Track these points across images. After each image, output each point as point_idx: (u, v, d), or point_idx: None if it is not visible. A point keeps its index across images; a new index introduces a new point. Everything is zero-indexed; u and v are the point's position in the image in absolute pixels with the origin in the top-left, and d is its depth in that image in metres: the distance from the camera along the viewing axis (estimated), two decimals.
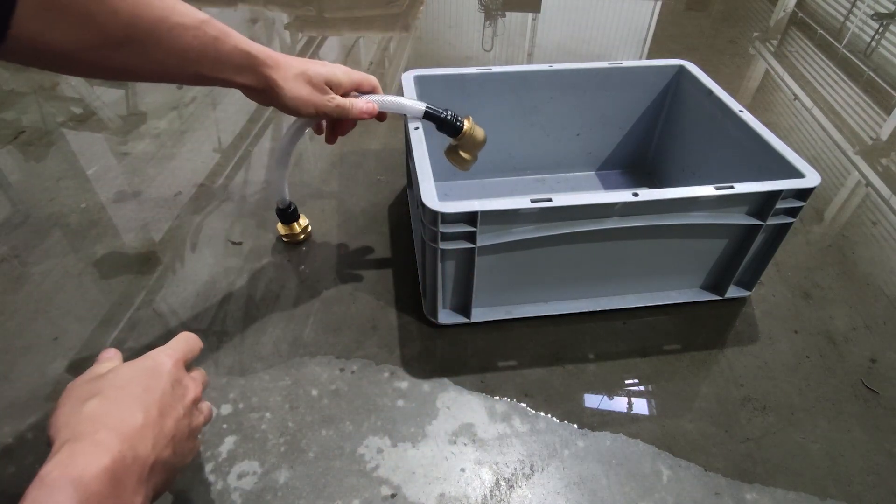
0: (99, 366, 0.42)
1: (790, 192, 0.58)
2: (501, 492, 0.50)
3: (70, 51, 0.40)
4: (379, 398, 0.57)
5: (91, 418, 0.35)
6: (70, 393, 0.38)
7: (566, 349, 0.63)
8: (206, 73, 0.48)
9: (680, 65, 0.77)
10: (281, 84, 0.52)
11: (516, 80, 0.76)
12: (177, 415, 0.39)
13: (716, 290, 0.68)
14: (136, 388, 0.38)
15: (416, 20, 1.43)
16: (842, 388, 0.60)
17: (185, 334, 0.45)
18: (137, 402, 0.37)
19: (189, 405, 0.41)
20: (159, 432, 0.37)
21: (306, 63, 0.54)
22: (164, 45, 0.44)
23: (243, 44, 0.49)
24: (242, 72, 0.50)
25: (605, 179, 0.87)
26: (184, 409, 0.40)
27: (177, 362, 0.42)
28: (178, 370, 0.42)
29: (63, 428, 0.35)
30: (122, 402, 0.37)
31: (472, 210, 0.53)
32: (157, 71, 0.46)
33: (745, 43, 1.36)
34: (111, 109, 1.02)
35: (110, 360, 0.42)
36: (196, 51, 0.46)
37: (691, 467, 0.52)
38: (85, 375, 0.40)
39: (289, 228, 0.74)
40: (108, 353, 0.43)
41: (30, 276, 0.69)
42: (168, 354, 0.42)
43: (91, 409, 0.36)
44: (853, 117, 1.08)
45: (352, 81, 0.58)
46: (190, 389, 0.42)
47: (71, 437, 0.34)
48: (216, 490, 0.49)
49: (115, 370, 0.40)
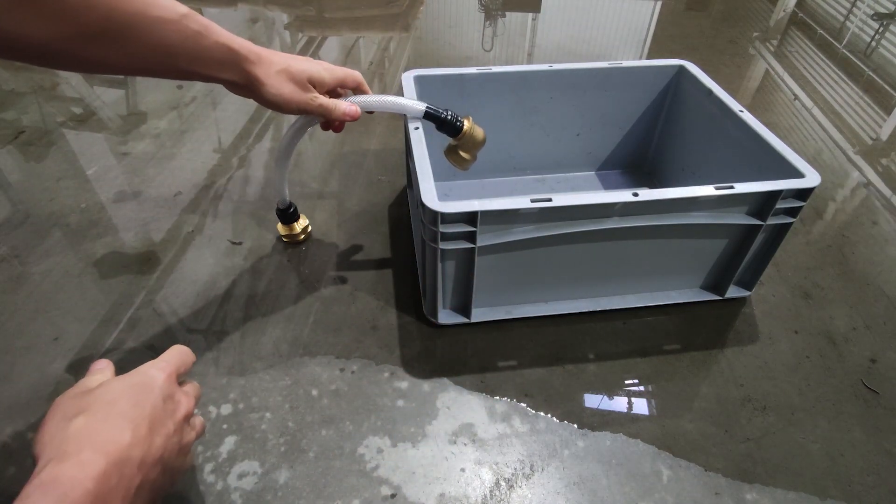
0: (89, 378, 0.40)
1: (790, 192, 0.58)
2: (501, 492, 0.50)
3: (46, 43, 0.39)
4: (379, 398, 0.57)
5: (77, 437, 0.34)
6: (57, 408, 0.37)
7: (566, 349, 0.63)
8: (187, 67, 0.47)
9: (680, 65, 0.77)
10: (263, 80, 0.51)
11: (516, 80, 0.76)
12: (167, 432, 0.38)
13: (716, 290, 0.68)
14: (125, 404, 0.37)
15: (416, 20, 1.43)
16: (842, 388, 0.60)
17: (177, 347, 0.44)
18: (126, 419, 0.36)
19: (180, 421, 0.40)
20: (147, 451, 0.36)
21: (289, 59, 0.53)
22: (143, 39, 0.43)
23: (225, 38, 0.48)
24: (224, 67, 0.49)
25: (605, 179, 0.87)
26: (174, 425, 0.39)
27: (169, 376, 0.41)
28: (170, 384, 0.40)
29: (48, 446, 0.34)
30: (110, 419, 0.36)
31: (472, 210, 0.53)
32: (136, 65, 0.45)
33: (745, 43, 1.36)
34: (111, 109, 1.02)
35: (101, 372, 0.41)
36: (176, 45, 0.45)
37: (691, 467, 0.52)
38: (74, 389, 0.39)
39: (289, 228, 0.74)
40: (99, 365, 0.42)
41: (30, 276, 0.69)
42: (160, 368, 0.41)
43: (77, 426, 0.35)
44: (853, 117, 1.08)
45: (335, 79, 0.57)
46: (182, 404, 0.41)
47: (55, 457, 0.33)
48: (216, 490, 0.49)
49: (105, 385, 0.38)
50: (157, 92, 1.07)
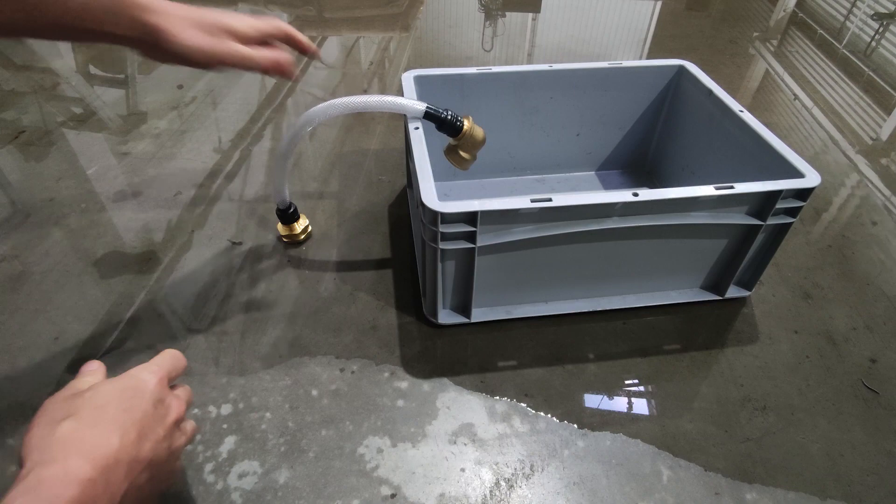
0: (80, 380, 0.40)
1: (790, 192, 0.58)
2: (501, 492, 0.50)
3: None
4: (379, 398, 0.57)
5: (63, 442, 0.33)
6: (45, 411, 0.36)
7: (566, 349, 0.63)
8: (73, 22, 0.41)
9: (680, 65, 0.77)
10: (167, 28, 0.44)
11: (516, 80, 0.76)
12: (156, 437, 0.37)
13: (716, 290, 0.68)
14: (114, 408, 0.36)
15: (416, 20, 1.43)
16: (842, 388, 0.60)
17: (169, 351, 0.43)
18: (114, 424, 0.35)
19: (171, 425, 0.39)
20: (135, 457, 0.35)
21: (200, 10, 0.47)
22: None
23: None
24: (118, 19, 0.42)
25: (605, 179, 0.87)
26: (164, 429, 0.38)
27: (161, 380, 0.40)
28: (161, 388, 0.40)
29: (34, 449, 0.33)
30: (98, 424, 0.35)
31: (472, 210, 0.53)
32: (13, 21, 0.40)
33: (745, 43, 1.36)
34: (111, 109, 1.02)
35: (92, 374, 0.41)
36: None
37: (691, 467, 0.52)
38: (64, 391, 0.38)
39: (289, 228, 0.74)
40: (90, 367, 0.42)
41: (30, 276, 0.69)
42: (152, 371, 0.40)
43: (64, 431, 0.34)
44: (853, 117, 1.08)
45: (257, 31, 0.50)
46: (173, 408, 0.40)
47: (41, 462, 0.32)
48: (216, 490, 0.49)
49: (95, 388, 0.38)
50: (157, 92, 1.07)
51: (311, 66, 1.16)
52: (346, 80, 1.13)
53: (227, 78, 1.11)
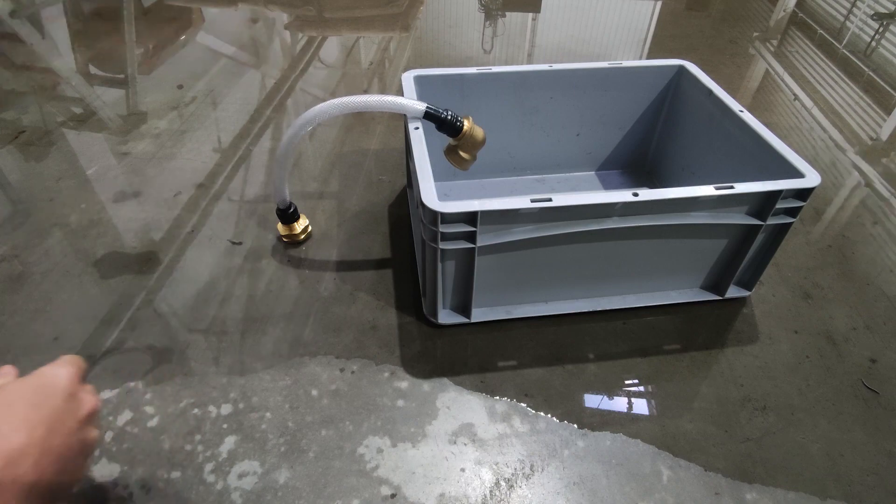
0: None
1: (790, 192, 0.58)
2: (501, 492, 0.50)
3: None
4: (379, 398, 0.57)
5: None
6: None
7: (566, 349, 0.63)
8: None
9: (680, 65, 0.77)
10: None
11: (516, 80, 0.76)
12: (67, 430, 0.38)
13: (716, 290, 0.68)
14: (23, 405, 0.37)
15: (416, 20, 1.43)
16: (842, 388, 0.60)
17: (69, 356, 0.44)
18: (23, 420, 0.36)
19: (83, 419, 0.40)
20: (44, 451, 0.36)
21: None
22: None
23: None
24: None
25: (605, 179, 0.87)
26: (76, 423, 0.39)
27: (73, 375, 0.41)
28: (73, 384, 0.41)
29: None
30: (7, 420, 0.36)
31: (472, 210, 0.53)
32: None
33: (745, 43, 1.36)
34: (111, 109, 1.02)
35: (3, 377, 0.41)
36: None
37: (691, 467, 0.52)
38: None
39: (289, 228, 0.74)
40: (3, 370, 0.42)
41: (30, 276, 0.69)
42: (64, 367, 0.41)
43: None
44: (853, 117, 1.08)
45: None
46: (85, 402, 0.41)
47: None
48: (216, 490, 0.49)
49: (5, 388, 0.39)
50: (157, 92, 1.07)
51: (311, 67, 1.17)
52: (346, 80, 1.13)
53: (227, 78, 1.11)
